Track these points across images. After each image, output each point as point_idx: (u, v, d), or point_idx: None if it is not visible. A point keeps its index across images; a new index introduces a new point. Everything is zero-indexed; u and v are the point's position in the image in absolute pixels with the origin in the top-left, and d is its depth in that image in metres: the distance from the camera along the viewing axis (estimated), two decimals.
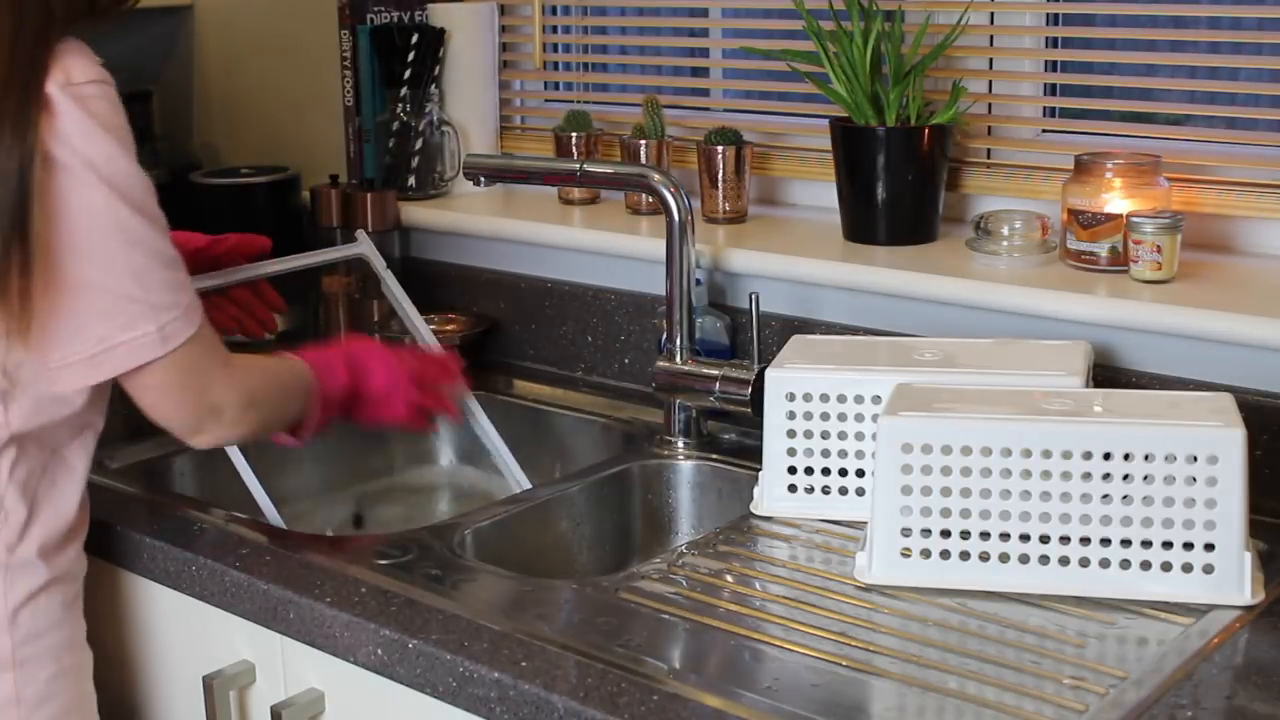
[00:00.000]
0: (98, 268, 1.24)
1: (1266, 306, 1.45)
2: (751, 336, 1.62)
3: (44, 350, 1.26)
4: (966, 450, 1.24)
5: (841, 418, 1.43)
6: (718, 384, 1.63)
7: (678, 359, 1.67)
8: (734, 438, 1.66)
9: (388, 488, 1.92)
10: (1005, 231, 1.66)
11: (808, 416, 1.44)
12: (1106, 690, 1.08)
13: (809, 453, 1.45)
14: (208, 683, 1.37)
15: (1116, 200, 1.58)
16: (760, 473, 1.48)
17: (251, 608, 1.34)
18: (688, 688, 1.09)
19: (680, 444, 1.66)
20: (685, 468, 1.64)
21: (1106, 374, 1.53)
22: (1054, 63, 1.77)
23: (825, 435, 1.44)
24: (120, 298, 1.25)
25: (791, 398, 1.45)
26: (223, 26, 2.42)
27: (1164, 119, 1.73)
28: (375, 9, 2.12)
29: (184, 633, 1.45)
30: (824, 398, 1.44)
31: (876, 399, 1.41)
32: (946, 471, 1.25)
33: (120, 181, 1.22)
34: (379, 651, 1.22)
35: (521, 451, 1.73)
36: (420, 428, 1.56)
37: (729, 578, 1.34)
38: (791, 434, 1.45)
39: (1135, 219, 1.54)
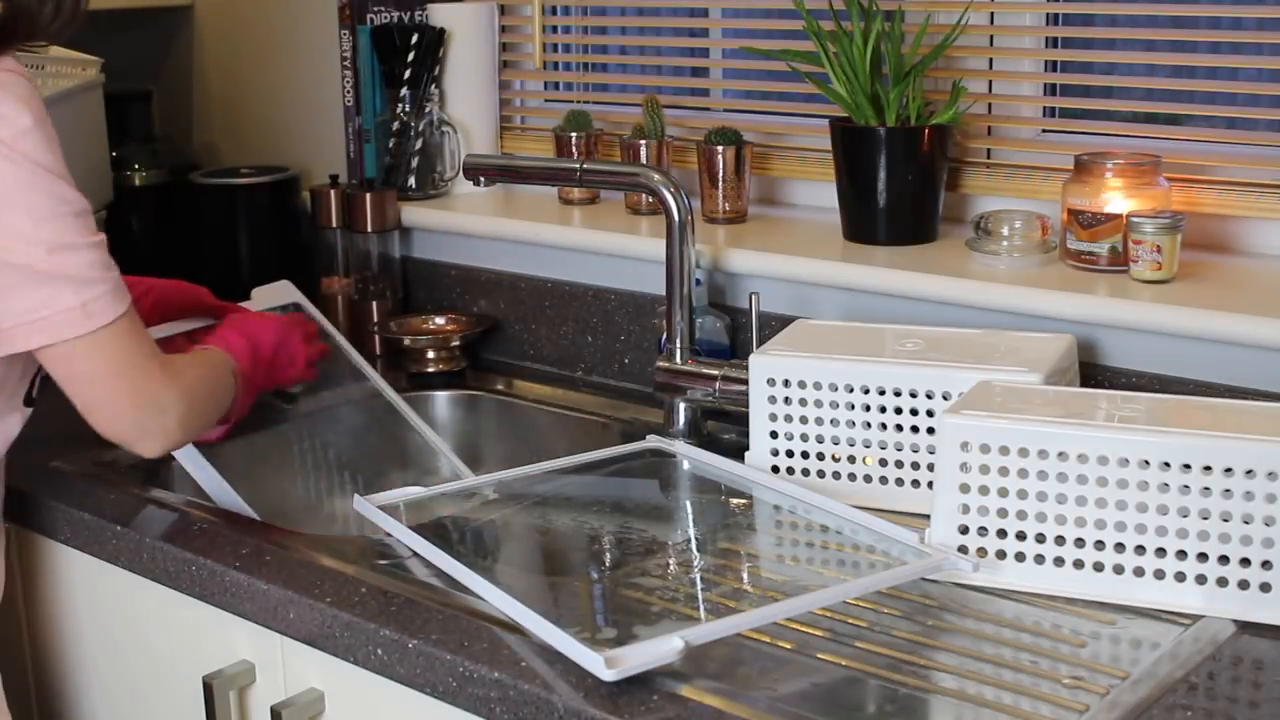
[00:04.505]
0: (14, 238, 1.21)
1: (1266, 306, 1.45)
2: (751, 336, 1.62)
3: None
4: (1022, 452, 1.23)
5: (818, 404, 1.47)
6: (718, 384, 1.63)
7: (678, 359, 1.68)
8: (734, 437, 1.66)
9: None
10: (1005, 231, 1.66)
11: (787, 401, 1.49)
12: (1106, 690, 1.08)
13: (789, 436, 1.50)
14: (208, 683, 1.37)
15: (1116, 200, 1.58)
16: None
17: (251, 608, 1.34)
18: (688, 688, 1.09)
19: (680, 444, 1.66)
20: (685, 467, 1.64)
21: (1106, 374, 1.53)
22: (1054, 63, 1.77)
23: (804, 420, 1.48)
24: (39, 271, 1.22)
25: (772, 383, 1.49)
26: (223, 26, 2.42)
27: (1164, 119, 1.73)
28: (375, 9, 2.12)
29: (184, 633, 1.45)
30: (801, 384, 1.48)
31: (847, 387, 1.45)
32: (985, 470, 1.24)
33: (36, 157, 1.22)
34: (379, 651, 1.22)
35: (521, 452, 1.72)
36: (312, 378, 1.64)
37: (729, 575, 1.34)
38: (774, 417, 1.50)
39: (1135, 219, 1.54)
